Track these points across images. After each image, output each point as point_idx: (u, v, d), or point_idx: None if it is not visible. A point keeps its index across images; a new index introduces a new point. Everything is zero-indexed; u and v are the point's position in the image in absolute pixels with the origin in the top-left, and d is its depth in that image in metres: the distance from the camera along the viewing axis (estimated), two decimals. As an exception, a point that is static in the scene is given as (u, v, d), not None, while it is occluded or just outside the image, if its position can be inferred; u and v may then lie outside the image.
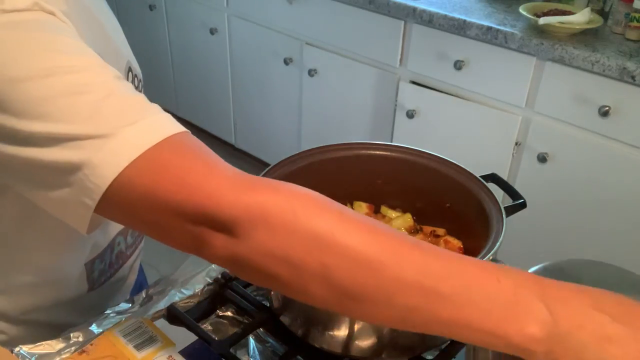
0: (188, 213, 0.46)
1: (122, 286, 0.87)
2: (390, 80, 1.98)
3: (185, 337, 0.70)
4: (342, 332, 0.66)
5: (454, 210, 0.79)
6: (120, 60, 0.70)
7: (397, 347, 0.67)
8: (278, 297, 0.71)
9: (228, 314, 0.78)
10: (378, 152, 0.82)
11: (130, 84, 0.53)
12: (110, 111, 0.48)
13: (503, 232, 0.65)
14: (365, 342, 0.66)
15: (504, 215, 0.68)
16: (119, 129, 0.47)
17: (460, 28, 1.72)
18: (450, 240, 0.79)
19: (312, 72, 2.20)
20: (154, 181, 0.47)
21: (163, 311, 0.74)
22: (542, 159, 1.68)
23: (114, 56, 0.67)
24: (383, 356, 0.68)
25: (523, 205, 0.78)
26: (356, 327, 0.65)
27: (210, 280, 0.79)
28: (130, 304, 0.75)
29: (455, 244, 0.79)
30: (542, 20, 1.59)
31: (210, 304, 0.77)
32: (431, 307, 0.44)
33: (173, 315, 0.73)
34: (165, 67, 2.88)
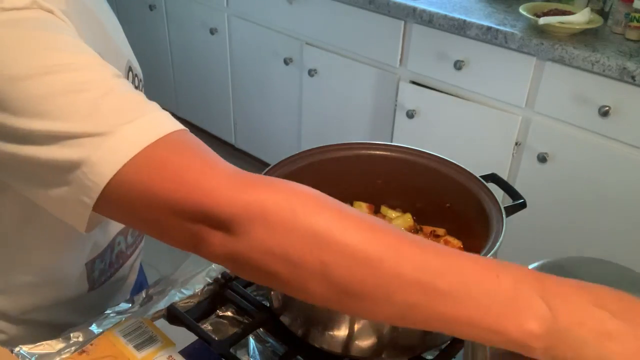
0: (186, 211, 0.46)
1: (123, 286, 0.87)
2: (390, 80, 1.98)
3: (185, 337, 0.70)
4: (342, 332, 0.66)
5: (454, 210, 0.79)
6: (121, 60, 0.70)
7: (397, 347, 0.67)
8: (278, 297, 0.71)
9: (228, 314, 0.78)
10: (378, 152, 0.82)
11: (129, 82, 0.53)
12: (109, 109, 0.48)
13: (503, 232, 0.65)
14: (365, 342, 0.66)
15: (504, 215, 0.68)
16: (117, 126, 0.47)
17: (460, 28, 1.72)
18: (450, 240, 0.79)
19: (312, 72, 2.20)
20: (152, 179, 0.47)
21: (163, 311, 0.74)
22: (542, 159, 1.68)
23: (114, 56, 0.67)
24: (383, 356, 0.68)
25: (523, 205, 0.78)
26: (356, 327, 0.65)
27: (210, 280, 0.79)
28: (130, 304, 0.76)
29: (455, 244, 0.79)
30: (542, 20, 1.59)
31: (210, 304, 0.77)
32: (430, 304, 0.44)
33: (173, 315, 0.73)
34: (165, 67, 2.88)
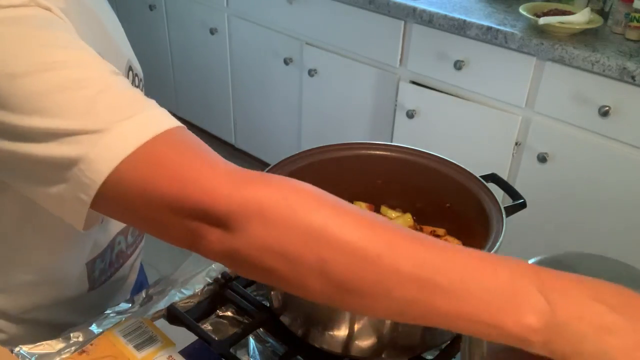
0: (183, 208, 0.46)
1: (123, 286, 0.87)
2: (390, 80, 1.98)
3: (185, 337, 0.70)
4: (342, 332, 0.66)
5: (454, 210, 0.79)
6: (121, 59, 0.70)
7: (397, 347, 0.67)
8: (278, 297, 0.71)
9: (228, 314, 0.78)
10: (378, 152, 0.82)
11: (127, 80, 0.53)
12: (106, 106, 0.48)
13: (503, 232, 0.65)
14: (365, 342, 0.66)
15: (504, 215, 0.68)
16: (114, 123, 0.47)
17: (460, 28, 1.72)
18: (450, 240, 0.80)
19: (312, 72, 2.20)
20: (149, 176, 0.46)
21: (163, 311, 0.74)
22: (542, 158, 1.68)
23: (114, 55, 0.67)
24: (383, 356, 0.68)
25: (523, 205, 0.78)
26: (356, 327, 0.65)
27: (210, 280, 0.79)
28: (130, 304, 0.76)
29: (455, 244, 0.79)
30: (542, 20, 1.59)
31: (210, 304, 0.77)
32: (429, 299, 0.44)
33: (173, 315, 0.73)
34: (165, 67, 2.88)
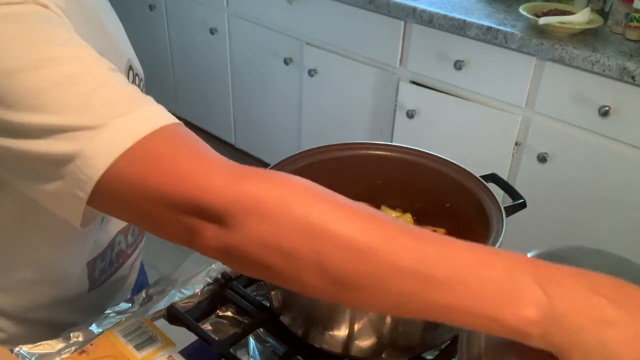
0: (179, 203, 0.46)
1: (123, 285, 0.87)
2: (390, 80, 1.98)
3: (185, 337, 0.70)
4: (342, 332, 0.66)
5: (454, 210, 0.79)
6: (121, 59, 0.70)
7: (397, 347, 0.67)
8: (278, 297, 0.71)
9: (228, 314, 0.78)
10: (378, 152, 0.82)
11: (124, 76, 0.52)
12: (103, 102, 0.48)
13: (503, 232, 0.65)
14: (365, 342, 0.66)
15: (504, 215, 0.68)
16: (110, 119, 0.47)
17: (460, 28, 1.72)
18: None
19: (312, 72, 2.20)
20: (145, 171, 0.46)
21: (163, 311, 0.74)
22: (542, 159, 1.68)
23: (114, 54, 0.67)
24: (383, 356, 0.68)
25: (523, 205, 0.78)
26: (356, 327, 0.65)
27: (210, 280, 0.79)
28: (130, 304, 0.76)
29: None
30: (542, 20, 1.59)
31: (210, 304, 0.77)
32: (425, 293, 0.44)
33: (173, 315, 0.73)
34: (165, 67, 2.88)
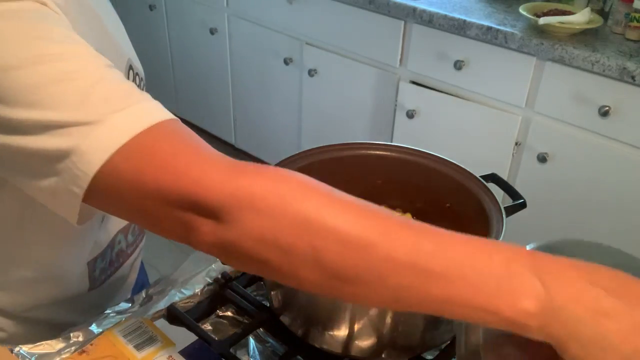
0: (175, 199, 0.46)
1: (123, 285, 0.87)
2: (390, 80, 1.98)
3: (185, 337, 0.70)
4: (342, 332, 0.66)
5: (454, 210, 0.79)
6: (121, 58, 0.70)
7: (397, 347, 0.67)
8: (278, 297, 0.71)
9: (228, 314, 0.78)
10: (378, 152, 0.82)
11: (121, 73, 0.52)
12: (99, 98, 0.48)
13: (503, 232, 0.65)
14: (365, 342, 0.66)
15: (504, 215, 0.68)
16: (106, 115, 0.47)
17: (460, 28, 1.72)
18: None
19: (312, 72, 2.20)
20: (141, 167, 0.46)
21: (163, 311, 0.74)
22: (542, 159, 1.68)
23: (114, 54, 0.67)
24: (383, 356, 0.68)
25: (523, 205, 0.78)
26: (356, 327, 0.65)
27: (210, 280, 0.79)
28: (130, 304, 0.76)
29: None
30: (542, 20, 1.59)
31: (210, 304, 0.77)
32: (423, 286, 0.44)
33: (173, 315, 0.73)
34: (165, 67, 2.88)
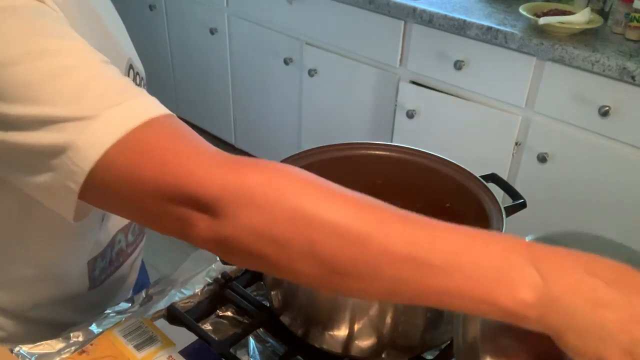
0: (171, 194, 0.46)
1: (123, 285, 0.87)
2: (390, 80, 1.98)
3: (185, 337, 0.70)
4: (342, 332, 0.66)
5: (454, 210, 0.79)
6: (121, 58, 0.70)
7: (397, 347, 0.67)
8: (278, 297, 0.71)
9: (228, 314, 0.78)
10: (378, 152, 0.82)
11: (117, 69, 0.52)
12: (95, 93, 0.48)
13: (503, 232, 0.65)
14: (365, 342, 0.66)
15: (504, 215, 0.68)
16: (103, 110, 0.47)
17: (460, 28, 1.72)
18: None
19: (312, 72, 2.20)
20: (136, 162, 0.46)
21: (163, 311, 0.74)
22: (542, 159, 1.68)
23: (114, 53, 0.67)
24: (383, 356, 0.68)
25: (523, 205, 0.78)
26: (356, 327, 0.65)
27: (210, 280, 0.79)
28: (130, 304, 0.76)
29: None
30: (542, 20, 1.59)
31: (210, 304, 0.77)
32: (420, 278, 0.44)
33: (173, 315, 0.73)
34: (165, 67, 2.88)
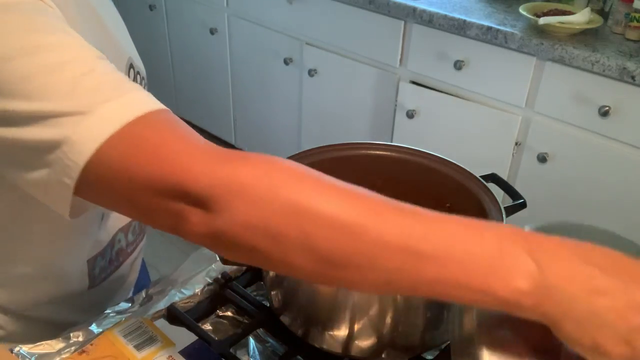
0: (164, 188, 0.46)
1: (123, 284, 0.87)
2: (390, 80, 1.98)
3: (185, 337, 0.70)
4: (342, 332, 0.66)
5: (454, 210, 0.78)
6: (122, 57, 0.70)
7: (397, 347, 0.67)
8: (278, 297, 0.71)
9: (228, 314, 0.78)
10: (378, 152, 0.82)
11: (113, 65, 0.52)
12: (89, 88, 0.48)
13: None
14: (365, 342, 0.66)
15: (504, 215, 0.68)
16: (97, 105, 0.47)
17: (460, 28, 1.72)
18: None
19: (312, 72, 2.20)
20: (131, 156, 0.46)
21: (163, 311, 0.74)
22: (542, 158, 1.68)
23: (114, 52, 0.67)
24: (383, 356, 0.68)
25: (523, 205, 0.78)
26: (356, 327, 0.65)
27: (210, 280, 0.79)
28: (130, 304, 0.76)
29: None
30: (542, 20, 1.59)
31: (210, 304, 0.77)
32: (415, 268, 0.44)
33: (173, 315, 0.73)
34: (165, 67, 2.88)
